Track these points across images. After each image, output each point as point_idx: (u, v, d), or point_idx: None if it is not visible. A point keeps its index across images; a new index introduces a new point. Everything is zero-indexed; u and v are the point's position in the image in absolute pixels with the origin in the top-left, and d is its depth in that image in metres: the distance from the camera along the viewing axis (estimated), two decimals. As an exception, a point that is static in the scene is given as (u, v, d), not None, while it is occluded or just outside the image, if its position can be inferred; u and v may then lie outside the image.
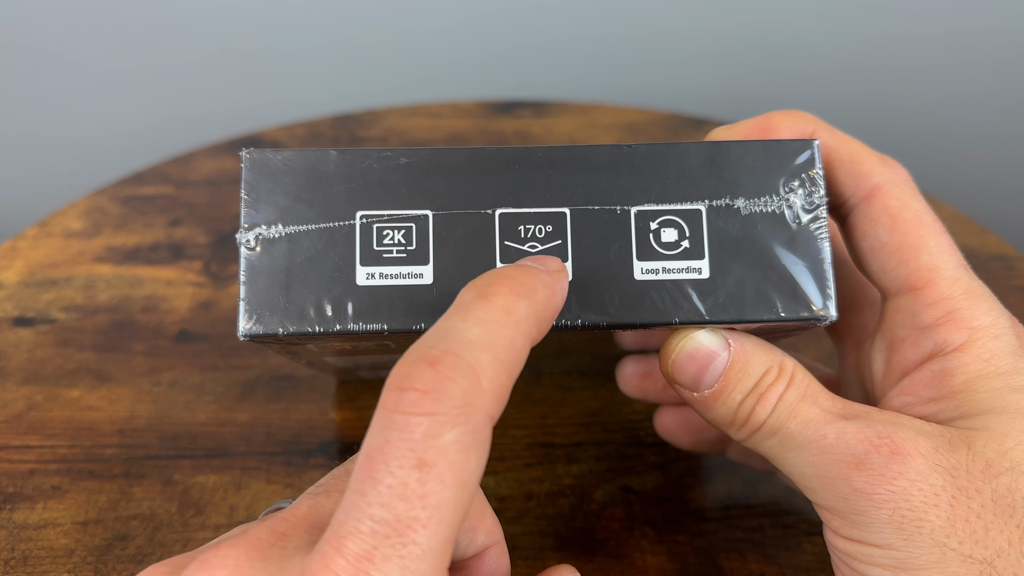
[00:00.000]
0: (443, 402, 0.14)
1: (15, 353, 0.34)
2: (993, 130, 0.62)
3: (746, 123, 0.22)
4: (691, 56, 0.59)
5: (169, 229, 0.39)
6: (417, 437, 0.14)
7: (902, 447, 0.18)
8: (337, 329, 0.19)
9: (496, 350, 0.15)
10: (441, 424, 0.14)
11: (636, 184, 0.20)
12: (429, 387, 0.14)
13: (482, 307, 0.16)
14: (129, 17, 0.57)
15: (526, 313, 0.16)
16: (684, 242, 0.20)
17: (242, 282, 0.19)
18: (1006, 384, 0.19)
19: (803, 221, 0.20)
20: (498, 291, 0.16)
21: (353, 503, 0.14)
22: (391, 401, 0.14)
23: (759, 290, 0.20)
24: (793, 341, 0.35)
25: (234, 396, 0.33)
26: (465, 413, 0.14)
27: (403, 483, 0.14)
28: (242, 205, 0.20)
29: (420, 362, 0.15)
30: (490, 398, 0.15)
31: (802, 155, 0.20)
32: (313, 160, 0.20)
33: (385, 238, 0.20)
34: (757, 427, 0.20)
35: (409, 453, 0.14)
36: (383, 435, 0.14)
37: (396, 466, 0.14)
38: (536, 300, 0.17)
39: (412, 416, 0.14)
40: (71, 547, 0.28)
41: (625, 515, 0.29)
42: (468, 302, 0.16)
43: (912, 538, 0.18)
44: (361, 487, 0.14)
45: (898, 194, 0.20)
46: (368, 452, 0.14)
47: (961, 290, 0.20)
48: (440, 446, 0.14)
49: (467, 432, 0.14)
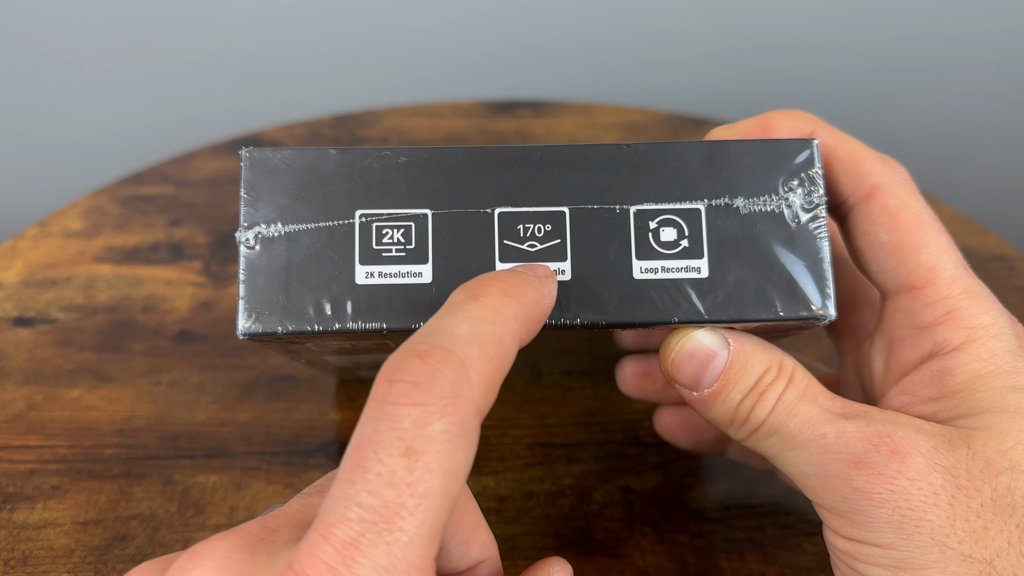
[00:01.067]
0: (432, 393, 0.14)
1: (15, 353, 0.34)
2: (993, 130, 0.62)
3: (745, 122, 0.22)
4: (691, 56, 0.59)
5: (169, 229, 0.39)
6: (406, 427, 0.14)
7: (902, 446, 0.18)
8: (336, 328, 0.19)
9: (485, 346, 0.15)
10: (430, 414, 0.14)
11: (635, 183, 0.20)
12: (418, 378, 0.14)
13: (472, 306, 0.16)
14: (129, 17, 0.57)
15: (514, 313, 0.16)
16: (683, 241, 0.20)
17: (241, 281, 0.19)
18: (1005, 383, 0.19)
19: (802, 220, 0.20)
20: (488, 292, 0.16)
21: (341, 491, 0.14)
22: (380, 393, 0.14)
23: (758, 289, 0.20)
24: (793, 341, 0.35)
25: (234, 396, 0.33)
26: (453, 404, 0.14)
27: (391, 471, 0.14)
28: (241, 204, 0.20)
29: (410, 355, 0.15)
30: (479, 391, 0.15)
31: (801, 154, 0.20)
32: (312, 159, 0.20)
33: (384, 237, 0.20)
34: (756, 426, 0.20)
35: (398, 442, 0.14)
36: (372, 425, 0.14)
37: (385, 454, 0.14)
38: (524, 301, 0.17)
39: (401, 406, 0.14)
40: (71, 547, 0.28)
41: (625, 515, 0.29)
42: (458, 302, 0.16)
43: (912, 537, 0.18)
44: (350, 475, 0.14)
45: (897, 193, 0.20)
46: (357, 442, 0.14)
47: (960, 289, 0.20)
48: (428, 435, 0.14)
49: (455, 423, 0.14)
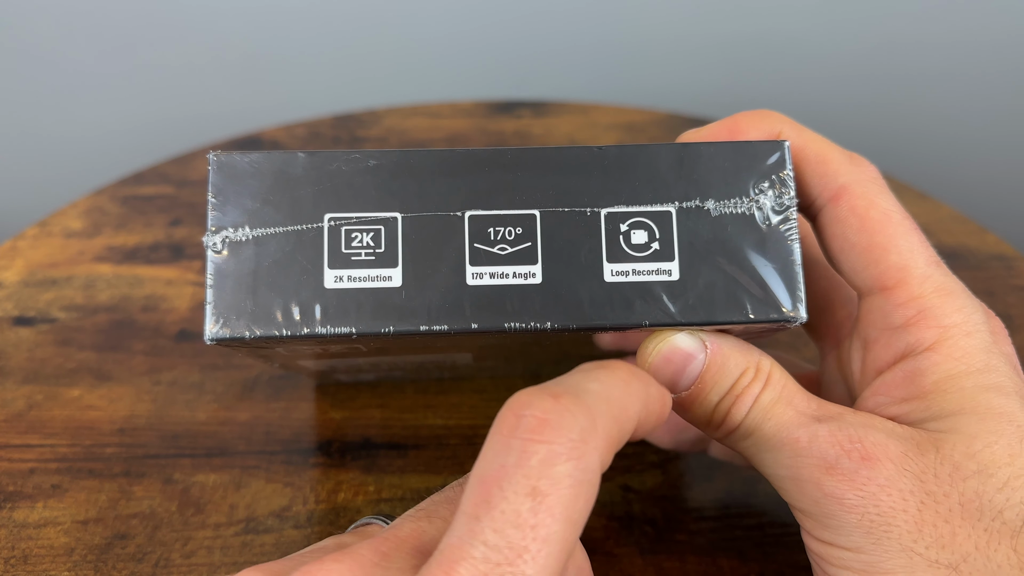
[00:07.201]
0: (561, 432, 0.14)
1: (15, 352, 0.34)
2: (992, 130, 0.62)
3: (714, 125, 0.22)
4: (691, 56, 0.59)
5: (169, 229, 0.39)
6: (533, 464, 0.14)
7: (872, 452, 0.18)
8: (305, 332, 0.19)
9: (612, 405, 0.15)
10: (557, 455, 0.14)
11: (606, 186, 0.20)
12: (548, 415, 0.14)
13: (603, 372, 0.16)
14: (129, 17, 0.57)
15: (640, 392, 0.17)
16: (654, 244, 0.20)
17: (209, 285, 0.19)
18: (976, 383, 0.19)
19: (773, 222, 0.20)
20: (619, 367, 0.17)
21: (466, 526, 0.14)
22: (508, 426, 0.14)
23: (729, 292, 0.20)
24: (790, 339, 0.35)
25: (234, 395, 0.33)
26: (580, 449, 0.14)
27: (516, 510, 0.13)
28: (209, 208, 0.19)
29: (542, 392, 0.15)
30: (603, 443, 0.15)
31: (772, 156, 0.20)
32: (281, 162, 0.20)
33: (353, 241, 0.20)
34: (733, 428, 0.20)
35: (524, 480, 0.14)
36: (499, 460, 0.14)
37: (511, 492, 0.13)
38: (650, 390, 0.17)
39: (529, 443, 0.14)
40: (71, 546, 0.28)
41: (624, 514, 0.29)
42: (589, 367, 0.16)
43: (880, 542, 0.18)
44: (475, 511, 0.14)
45: (865, 193, 0.20)
46: (482, 476, 0.14)
47: (932, 288, 0.20)
48: (554, 477, 0.14)
49: (580, 468, 0.14)
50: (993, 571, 0.17)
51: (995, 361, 0.19)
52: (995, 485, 0.18)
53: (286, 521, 0.29)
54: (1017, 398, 0.19)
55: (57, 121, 0.62)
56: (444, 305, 0.19)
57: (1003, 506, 0.18)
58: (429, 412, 0.33)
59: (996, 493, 0.18)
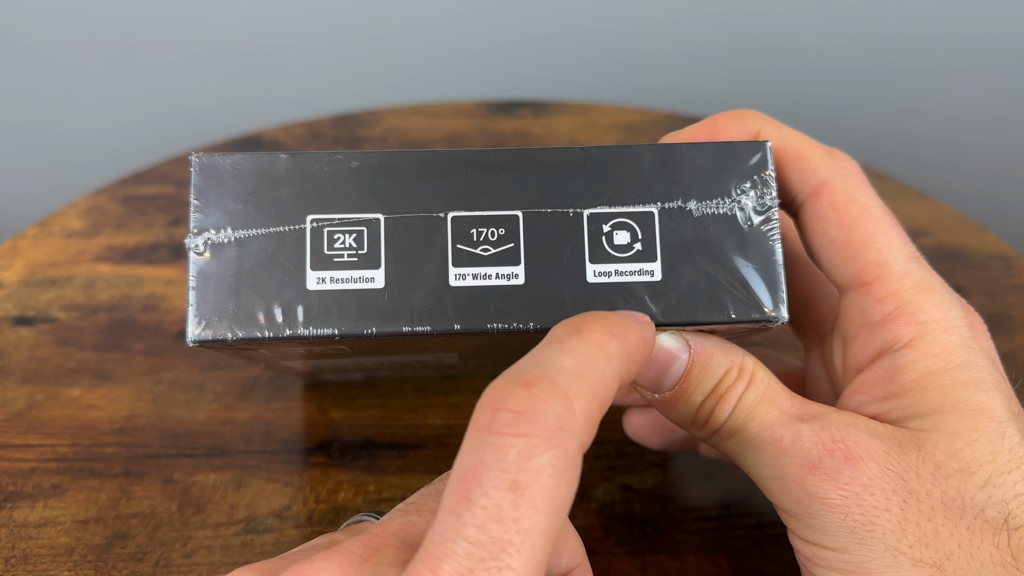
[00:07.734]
0: (537, 424, 0.14)
1: (15, 352, 0.34)
2: (992, 130, 0.62)
3: (695, 126, 0.22)
4: (691, 56, 0.59)
5: (169, 229, 0.39)
6: (511, 459, 0.14)
7: (855, 451, 0.18)
8: (287, 334, 0.19)
9: (588, 380, 0.15)
10: (534, 446, 0.14)
11: (589, 187, 0.20)
12: (523, 408, 0.14)
13: (576, 340, 0.16)
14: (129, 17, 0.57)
15: (617, 351, 0.16)
16: (636, 244, 0.20)
17: (191, 287, 0.19)
18: (956, 379, 0.19)
19: (755, 223, 0.20)
20: (592, 328, 0.16)
21: (448, 524, 0.14)
22: (484, 421, 0.14)
23: (711, 292, 0.20)
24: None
25: (234, 395, 0.33)
26: (558, 437, 0.14)
27: (497, 505, 0.13)
28: (191, 209, 0.19)
29: (514, 384, 0.14)
30: (582, 425, 0.15)
31: (754, 157, 0.20)
32: (263, 164, 0.20)
33: (336, 242, 0.19)
34: (717, 428, 0.20)
35: (503, 475, 0.14)
36: (476, 456, 0.14)
37: (491, 487, 0.14)
38: (627, 341, 0.17)
39: (506, 437, 0.14)
40: (71, 545, 0.28)
41: (625, 513, 0.29)
42: (561, 336, 0.16)
43: (864, 542, 0.18)
44: (455, 508, 0.14)
45: (845, 189, 0.20)
46: (461, 473, 0.14)
47: (911, 284, 0.20)
48: (533, 468, 0.14)
49: (559, 456, 0.14)
50: (976, 569, 0.17)
51: (974, 357, 0.19)
52: (977, 483, 0.18)
53: (286, 521, 0.29)
54: (997, 393, 0.19)
55: (57, 121, 0.62)
56: (427, 306, 0.19)
57: (985, 504, 0.18)
58: (429, 412, 0.33)
59: (978, 491, 0.18)
